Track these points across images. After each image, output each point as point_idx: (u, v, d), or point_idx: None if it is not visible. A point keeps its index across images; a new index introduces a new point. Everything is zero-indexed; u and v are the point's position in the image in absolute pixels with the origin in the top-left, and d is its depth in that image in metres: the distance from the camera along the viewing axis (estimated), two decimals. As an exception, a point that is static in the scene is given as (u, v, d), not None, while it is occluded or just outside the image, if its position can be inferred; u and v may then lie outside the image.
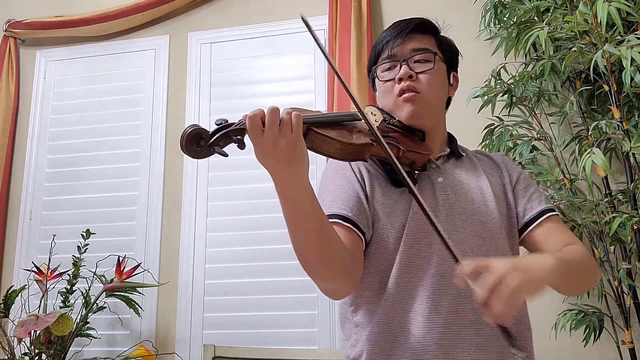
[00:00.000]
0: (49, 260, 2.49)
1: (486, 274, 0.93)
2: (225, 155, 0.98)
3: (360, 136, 1.14)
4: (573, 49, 2.02)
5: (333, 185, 1.24)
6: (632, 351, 2.03)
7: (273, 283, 2.58)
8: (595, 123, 2.01)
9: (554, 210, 1.31)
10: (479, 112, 2.32)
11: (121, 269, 2.43)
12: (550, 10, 2.15)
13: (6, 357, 2.36)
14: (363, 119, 1.12)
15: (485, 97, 2.27)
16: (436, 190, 1.24)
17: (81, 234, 2.53)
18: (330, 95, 2.62)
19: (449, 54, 1.35)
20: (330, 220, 1.13)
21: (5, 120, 3.03)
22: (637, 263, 2.05)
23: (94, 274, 2.47)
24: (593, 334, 2.08)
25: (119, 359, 2.45)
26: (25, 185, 2.99)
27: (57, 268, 2.48)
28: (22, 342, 2.28)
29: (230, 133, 0.99)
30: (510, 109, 2.28)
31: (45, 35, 3.15)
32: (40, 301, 2.43)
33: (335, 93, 2.58)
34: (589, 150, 1.89)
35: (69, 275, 2.49)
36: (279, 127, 0.96)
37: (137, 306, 2.44)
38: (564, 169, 2.25)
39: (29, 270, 2.50)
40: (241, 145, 0.99)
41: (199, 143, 0.98)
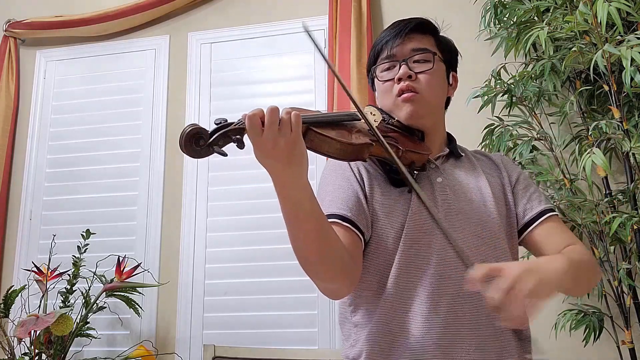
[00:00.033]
0: (49, 260, 2.49)
1: (499, 278, 0.92)
2: (224, 154, 0.98)
3: (360, 136, 1.14)
4: (573, 49, 2.02)
5: (332, 185, 1.24)
6: (632, 351, 2.03)
7: (273, 283, 2.58)
8: (595, 123, 2.00)
9: (554, 210, 1.31)
10: (479, 112, 2.32)
11: (121, 269, 2.43)
12: (550, 10, 2.15)
13: (6, 357, 2.36)
14: (363, 120, 1.12)
15: (485, 97, 2.27)
16: (435, 190, 1.24)
17: (81, 234, 2.53)
18: (330, 95, 2.62)
19: (449, 53, 1.35)
20: (329, 220, 1.13)
21: (5, 120, 3.03)
22: (637, 263, 2.05)
23: (94, 274, 2.47)
24: (593, 334, 2.07)
25: (119, 359, 2.45)
26: (25, 185, 2.99)
27: (57, 268, 2.48)
28: (22, 342, 2.28)
29: (229, 132, 0.98)
30: (510, 109, 2.28)
31: (45, 35, 3.15)
32: (40, 301, 2.43)
33: (335, 93, 2.58)
34: (589, 150, 1.89)
35: (69, 275, 2.49)
36: (279, 127, 0.96)
37: (137, 306, 2.44)
38: (564, 169, 2.25)
39: (29, 270, 2.50)
40: (240, 145, 0.99)
41: (198, 142, 0.97)
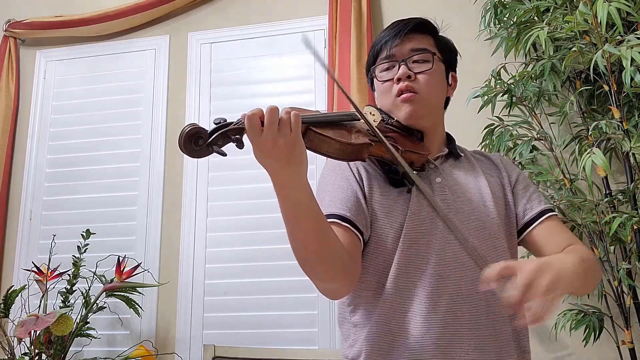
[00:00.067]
0: (49, 260, 2.49)
1: (515, 276, 0.92)
2: (224, 154, 0.98)
3: (359, 136, 1.14)
4: (573, 49, 2.02)
5: (331, 185, 1.24)
6: (632, 351, 2.03)
7: (273, 283, 2.58)
8: (595, 123, 2.00)
9: (554, 210, 1.31)
10: (479, 112, 2.32)
11: (121, 269, 2.43)
12: (550, 10, 2.15)
13: (6, 357, 2.36)
14: (363, 120, 1.12)
15: (485, 97, 2.27)
16: (434, 191, 1.24)
17: (81, 234, 2.53)
18: (330, 95, 2.62)
19: (448, 54, 1.35)
20: (328, 220, 1.13)
21: (5, 120, 3.03)
22: (637, 263, 2.05)
23: (94, 274, 2.47)
24: (593, 334, 2.07)
25: (119, 359, 2.45)
26: (25, 185, 2.99)
27: (57, 268, 2.48)
28: (22, 342, 2.28)
29: (228, 132, 0.98)
30: (510, 109, 2.28)
31: (45, 35, 3.15)
32: (40, 301, 2.43)
33: (335, 93, 2.58)
34: (589, 150, 1.89)
35: (69, 275, 2.49)
36: (278, 127, 0.96)
37: (137, 306, 2.44)
38: (564, 169, 2.25)
39: (29, 270, 2.50)
40: (240, 145, 0.99)
41: (197, 142, 0.97)
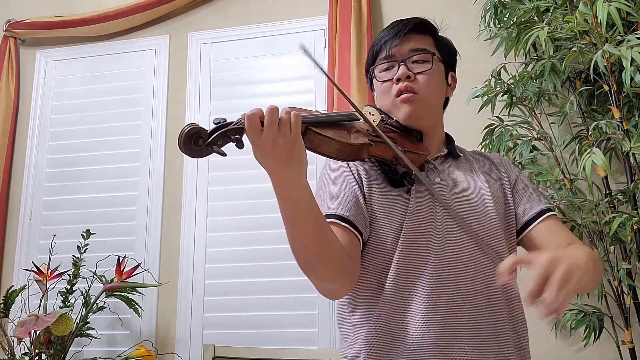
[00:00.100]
0: (49, 260, 2.49)
1: (530, 268, 0.92)
2: (223, 154, 0.98)
3: (359, 136, 1.14)
4: (573, 49, 2.01)
5: (331, 185, 1.24)
6: (632, 351, 2.03)
7: (273, 283, 2.58)
8: (595, 123, 2.00)
9: (553, 210, 1.31)
10: (479, 112, 2.32)
11: (121, 269, 2.43)
12: (550, 10, 2.15)
13: (6, 357, 2.36)
14: (364, 120, 1.12)
15: (485, 97, 2.27)
16: (433, 191, 1.24)
17: (81, 234, 2.53)
18: (330, 95, 2.62)
19: (447, 54, 1.35)
20: (327, 220, 1.13)
21: (5, 120, 3.03)
22: (637, 263, 2.05)
23: (94, 274, 2.47)
24: (593, 334, 2.08)
25: (119, 359, 2.45)
26: (25, 185, 2.99)
27: (57, 268, 2.48)
28: (22, 342, 2.28)
29: (228, 132, 0.98)
30: (510, 109, 2.28)
31: (45, 35, 3.15)
32: (40, 301, 2.43)
33: (335, 93, 2.58)
34: (589, 150, 1.89)
35: (69, 275, 2.49)
36: (278, 127, 0.96)
37: (137, 306, 2.44)
38: (564, 169, 2.25)
39: (29, 270, 2.50)
40: (240, 145, 0.98)
41: (197, 142, 0.97)
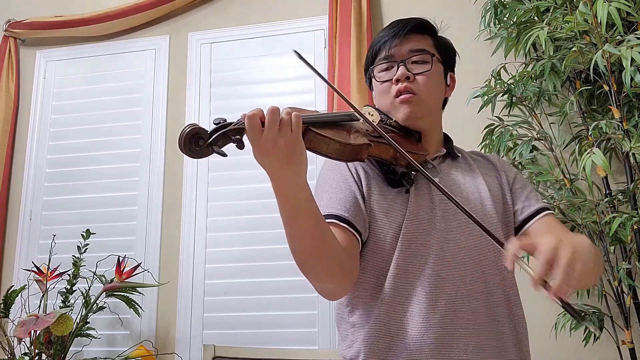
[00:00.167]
0: (49, 260, 2.49)
1: (535, 253, 0.93)
2: (224, 155, 0.98)
3: (359, 136, 1.14)
4: (573, 49, 2.02)
5: (330, 186, 1.24)
6: (632, 351, 2.03)
7: (273, 283, 2.58)
8: (595, 123, 2.00)
9: (551, 209, 1.31)
10: (479, 112, 2.32)
11: (121, 269, 2.43)
12: (550, 10, 2.15)
13: (6, 357, 2.36)
14: (365, 121, 1.12)
15: (485, 97, 2.27)
16: (432, 191, 1.24)
17: (81, 234, 2.53)
18: (330, 95, 2.62)
19: (446, 54, 1.34)
20: (326, 220, 1.13)
21: (5, 120, 3.03)
22: (637, 263, 2.05)
23: (94, 274, 2.47)
24: (593, 334, 2.08)
25: (119, 359, 2.45)
26: (25, 185, 2.99)
27: (57, 268, 2.48)
28: (22, 342, 2.28)
29: (229, 133, 0.98)
30: (510, 109, 2.28)
31: (45, 35, 3.15)
32: (40, 301, 2.43)
33: (335, 93, 2.58)
34: (589, 150, 1.89)
35: (69, 275, 2.49)
36: (279, 128, 0.96)
37: (137, 306, 2.45)
38: (564, 169, 2.25)
39: (29, 270, 2.50)
40: (240, 145, 0.98)
41: (197, 142, 0.97)
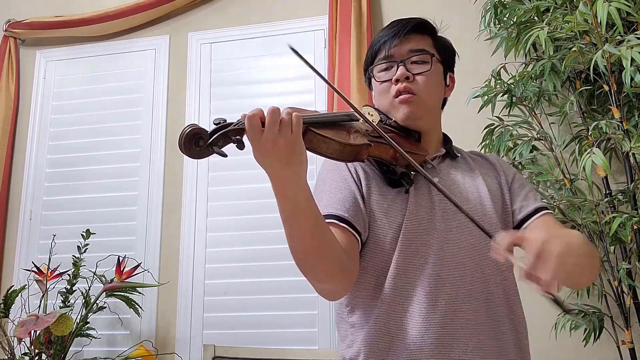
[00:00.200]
0: (49, 260, 2.49)
1: (525, 246, 0.93)
2: (224, 155, 0.98)
3: (358, 137, 1.14)
4: (573, 49, 2.02)
5: (329, 186, 1.24)
6: (632, 351, 2.03)
7: (273, 283, 2.58)
8: (595, 123, 2.00)
9: (549, 209, 1.31)
10: (479, 112, 2.32)
11: (121, 269, 2.43)
12: (550, 10, 2.15)
13: (6, 357, 2.36)
14: (365, 121, 1.12)
15: (485, 97, 2.27)
16: (432, 191, 1.24)
17: (81, 234, 2.53)
18: (330, 95, 2.62)
19: (446, 54, 1.34)
20: (326, 220, 1.13)
21: (5, 120, 3.03)
22: (637, 263, 2.05)
23: (94, 274, 2.47)
24: (593, 334, 2.07)
25: (119, 359, 2.45)
26: (25, 185, 2.99)
27: (57, 268, 2.48)
28: (22, 342, 2.28)
29: (229, 133, 0.98)
30: (510, 109, 2.28)
31: (45, 35, 3.15)
32: (40, 301, 2.43)
33: (335, 93, 2.58)
34: (589, 150, 1.89)
35: (69, 275, 2.49)
36: (279, 128, 0.96)
37: (137, 306, 2.45)
38: (564, 169, 2.25)
39: (29, 270, 2.50)
40: (240, 146, 0.98)
41: (197, 143, 0.97)
